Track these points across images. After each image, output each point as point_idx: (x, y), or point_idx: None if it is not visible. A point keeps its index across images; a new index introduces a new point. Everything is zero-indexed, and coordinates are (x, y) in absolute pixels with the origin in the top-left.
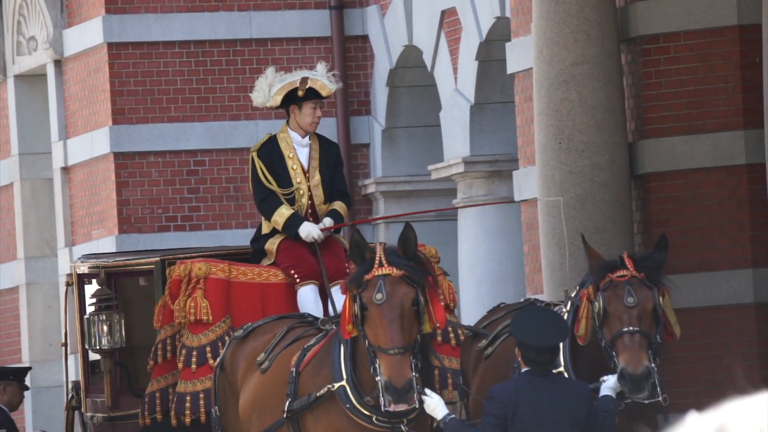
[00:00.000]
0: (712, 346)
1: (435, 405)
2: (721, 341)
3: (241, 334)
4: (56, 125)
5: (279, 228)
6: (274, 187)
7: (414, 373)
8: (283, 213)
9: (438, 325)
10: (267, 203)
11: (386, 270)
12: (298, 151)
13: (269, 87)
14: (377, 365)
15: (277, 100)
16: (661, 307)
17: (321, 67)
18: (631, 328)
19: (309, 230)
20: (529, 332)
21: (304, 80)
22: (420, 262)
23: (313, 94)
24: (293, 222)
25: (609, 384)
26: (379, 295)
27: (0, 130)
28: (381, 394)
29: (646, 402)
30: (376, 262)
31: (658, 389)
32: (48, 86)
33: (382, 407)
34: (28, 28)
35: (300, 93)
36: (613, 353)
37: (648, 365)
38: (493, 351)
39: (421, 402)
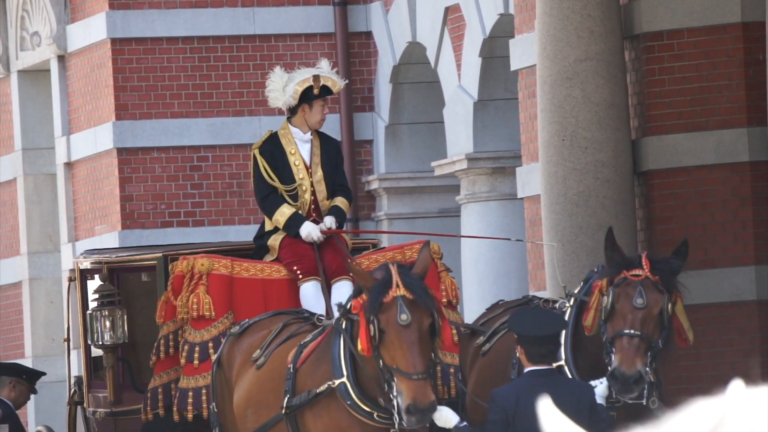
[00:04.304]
0: (715, 343)
1: (445, 417)
2: (724, 338)
3: (238, 330)
4: (59, 121)
5: (280, 227)
6: (277, 183)
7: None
8: (284, 212)
9: (443, 345)
10: (268, 201)
11: (402, 291)
12: (300, 147)
13: (283, 87)
14: (394, 385)
15: (296, 99)
16: (668, 313)
17: (326, 64)
18: (632, 331)
19: (309, 231)
20: (528, 325)
21: (317, 78)
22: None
23: (324, 92)
24: (294, 221)
25: (598, 392)
26: (404, 316)
27: (3, 125)
28: (400, 414)
29: (631, 402)
30: (393, 283)
31: (645, 392)
32: (51, 82)
33: (405, 425)
34: (31, 23)
35: (316, 91)
36: (612, 350)
37: (641, 369)
38: (491, 347)
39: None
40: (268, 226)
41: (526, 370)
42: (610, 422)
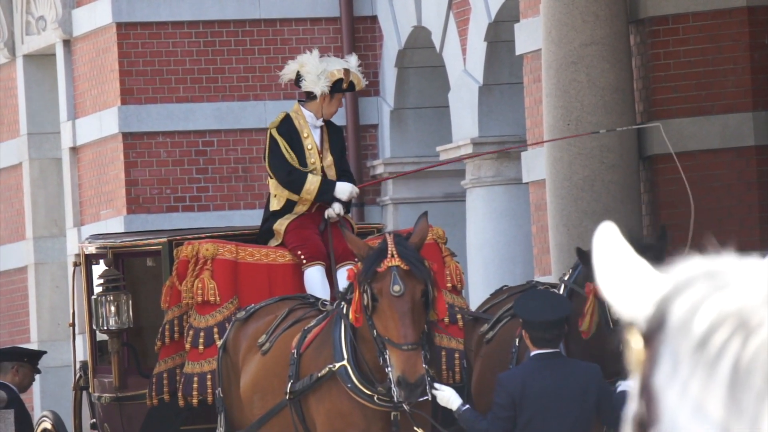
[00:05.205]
0: None
1: (447, 397)
2: None
3: (244, 315)
4: (65, 105)
5: (311, 196)
6: (294, 164)
7: (425, 366)
8: (312, 181)
9: (438, 316)
10: (294, 176)
11: (397, 261)
12: (312, 131)
13: (318, 74)
14: (387, 356)
15: (328, 88)
16: None
17: (354, 60)
18: None
19: (349, 190)
20: (533, 310)
21: (347, 73)
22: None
23: (349, 87)
24: (327, 187)
25: (627, 382)
26: (396, 287)
27: (9, 110)
28: (393, 387)
29: None
30: (389, 253)
31: None
32: (57, 66)
33: (395, 398)
34: (37, 7)
35: (344, 85)
36: None
37: None
38: (495, 335)
39: (433, 395)
40: (273, 206)
41: (532, 353)
42: (624, 395)
